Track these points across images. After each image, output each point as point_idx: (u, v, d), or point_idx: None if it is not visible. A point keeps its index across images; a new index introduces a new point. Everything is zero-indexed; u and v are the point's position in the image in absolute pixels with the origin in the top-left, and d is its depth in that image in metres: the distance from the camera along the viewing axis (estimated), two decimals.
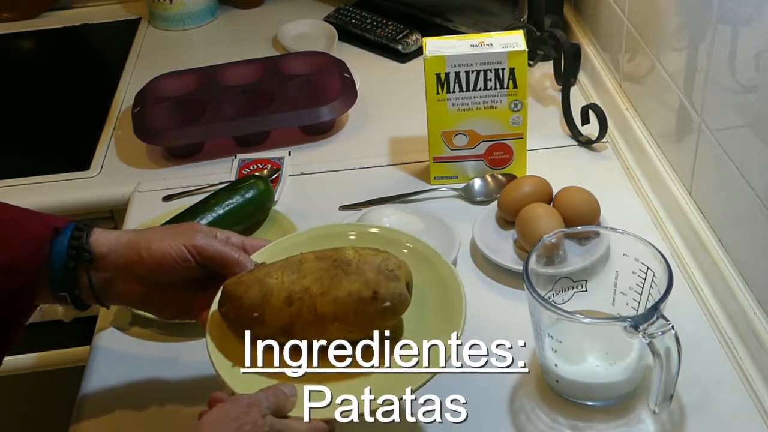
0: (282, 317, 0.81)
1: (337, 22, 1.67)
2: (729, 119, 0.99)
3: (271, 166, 1.31)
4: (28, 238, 0.85)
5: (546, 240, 0.94)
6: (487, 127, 1.21)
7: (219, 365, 0.82)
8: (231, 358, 0.83)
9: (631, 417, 0.91)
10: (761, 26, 0.88)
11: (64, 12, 1.88)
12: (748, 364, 0.94)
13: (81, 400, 0.98)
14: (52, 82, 1.66)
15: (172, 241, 0.86)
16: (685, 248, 1.09)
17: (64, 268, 0.84)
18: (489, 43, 1.16)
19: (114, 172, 1.36)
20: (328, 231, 0.95)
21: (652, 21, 1.21)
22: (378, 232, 0.95)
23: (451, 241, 1.11)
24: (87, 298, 0.87)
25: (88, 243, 0.85)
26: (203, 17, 1.78)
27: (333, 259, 0.83)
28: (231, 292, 0.84)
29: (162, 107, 1.40)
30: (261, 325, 0.82)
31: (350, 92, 1.40)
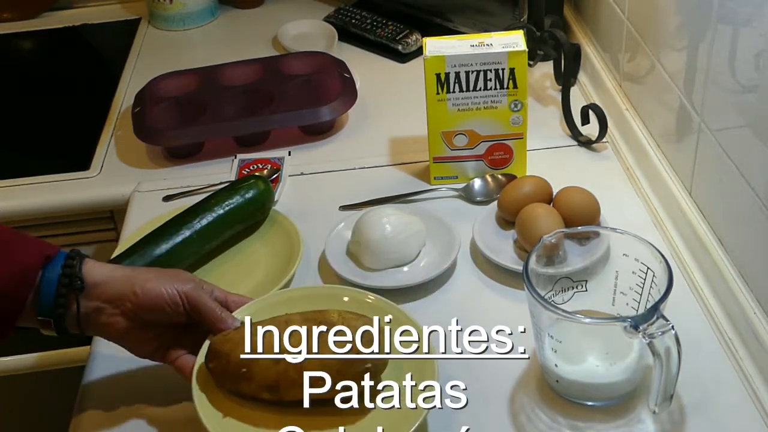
0: (269, 374, 0.86)
1: (337, 22, 1.67)
2: (729, 119, 0.99)
3: (271, 166, 1.31)
4: (19, 263, 0.86)
5: (546, 240, 0.94)
6: (487, 127, 1.21)
7: (207, 418, 0.86)
8: (219, 410, 0.87)
9: (631, 417, 0.91)
10: (761, 26, 0.89)
11: (64, 12, 1.88)
12: (748, 364, 0.94)
13: (81, 400, 0.98)
14: (52, 82, 1.66)
15: (167, 284, 0.89)
16: (685, 248, 1.09)
17: (54, 294, 0.86)
18: (489, 43, 1.16)
19: (114, 172, 1.36)
20: (303, 293, 0.99)
21: (652, 21, 1.21)
22: (347, 300, 0.97)
23: (451, 241, 1.11)
24: (71, 326, 0.89)
25: (81, 271, 0.88)
26: (203, 17, 1.78)
27: (318, 321, 0.86)
28: (218, 349, 0.88)
29: (162, 107, 1.40)
30: (248, 381, 0.87)
31: (350, 92, 1.40)
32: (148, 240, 1.09)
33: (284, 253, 1.12)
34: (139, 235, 1.12)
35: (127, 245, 1.11)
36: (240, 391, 0.88)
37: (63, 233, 1.36)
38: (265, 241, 1.16)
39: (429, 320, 0.87)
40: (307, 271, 1.12)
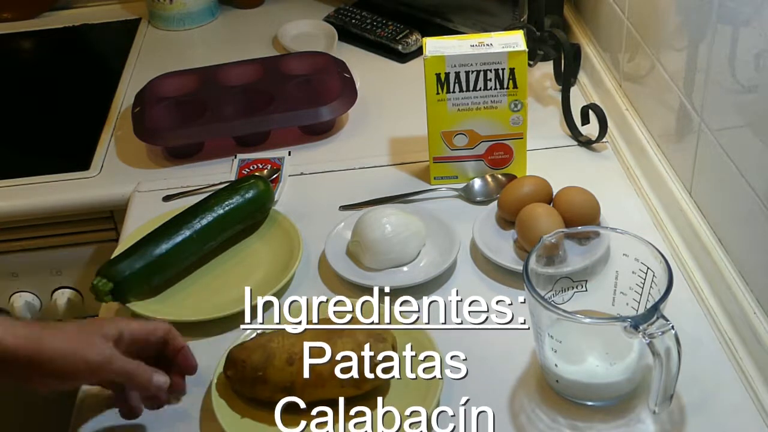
0: (284, 376, 0.90)
1: (337, 22, 1.67)
2: (729, 119, 0.99)
3: (271, 166, 1.31)
4: None
5: (546, 240, 0.94)
6: (487, 127, 1.21)
7: (225, 420, 0.91)
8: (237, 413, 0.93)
9: (631, 417, 0.91)
10: (761, 26, 0.89)
11: (64, 12, 1.88)
12: (748, 364, 0.94)
13: (81, 400, 0.98)
14: (52, 82, 1.65)
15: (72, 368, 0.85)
16: (685, 248, 1.09)
17: None
18: (489, 43, 1.16)
19: (114, 172, 1.36)
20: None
21: (652, 21, 1.21)
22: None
23: (451, 241, 1.11)
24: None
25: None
26: (203, 17, 1.78)
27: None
28: (235, 357, 0.93)
29: (162, 107, 1.40)
30: (264, 384, 0.91)
31: (350, 92, 1.40)
32: (148, 240, 1.09)
33: (284, 253, 1.12)
34: (139, 235, 1.12)
35: (127, 245, 1.11)
36: (257, 395, 0.92)
37: (63, 233, 1.36)
38: (265, 241, 1.16)
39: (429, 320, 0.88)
40: (307, 271, 1.12)
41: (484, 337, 0.93)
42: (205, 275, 1.12)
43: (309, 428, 0.85)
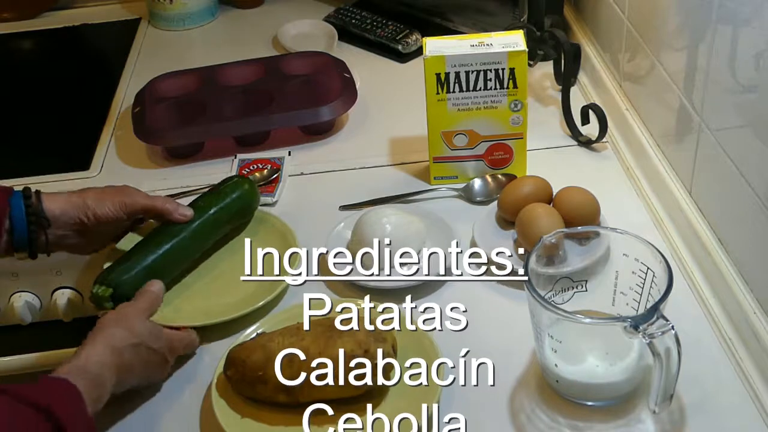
0: (284, 375, 0.89)
1: (337, 22, 1.67)
2: (729, 119, 0.99)
3: (271, 166, 1.31)
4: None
5: (546, 240, 0.94)
6: (487, 127, 1.21)
7: (225, 420, 0.91)
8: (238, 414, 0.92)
9: (631, 417, 0.91)
10: (761, 26, 0.89)
11: (64, 12, 1.88)
12: (748, 364, 0.94)
13: None
14: (52, 82, 1.65)
15: (110, 204, 1.06)
16: (685, 248, 1.09)
17: (27, 232, 1.02)
18: (489, 43, 1.16)
19: (114, 172, 1.36)
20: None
21: (652, 21, 1.21)
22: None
23: (451, 241, 1.11)
24: (40, 250, 1.05)
25: (43, 209, 1.03)
26: (203, 17, 1.78)
27: (328, 325, 0.91)
28: (235, 356, 0.93)
29: (162, 107, 1.40)
30: (264, 384, 0.91)
31: (350, 92, 1.40)
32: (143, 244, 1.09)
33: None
34: (138, 235, 1.12)
35: (126, 245, 1.11)
36: (257, 395, 0.92)
37: None
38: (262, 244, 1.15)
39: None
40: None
41: (485, 337, 0.93)
42: (201, 278, 1.12)
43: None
